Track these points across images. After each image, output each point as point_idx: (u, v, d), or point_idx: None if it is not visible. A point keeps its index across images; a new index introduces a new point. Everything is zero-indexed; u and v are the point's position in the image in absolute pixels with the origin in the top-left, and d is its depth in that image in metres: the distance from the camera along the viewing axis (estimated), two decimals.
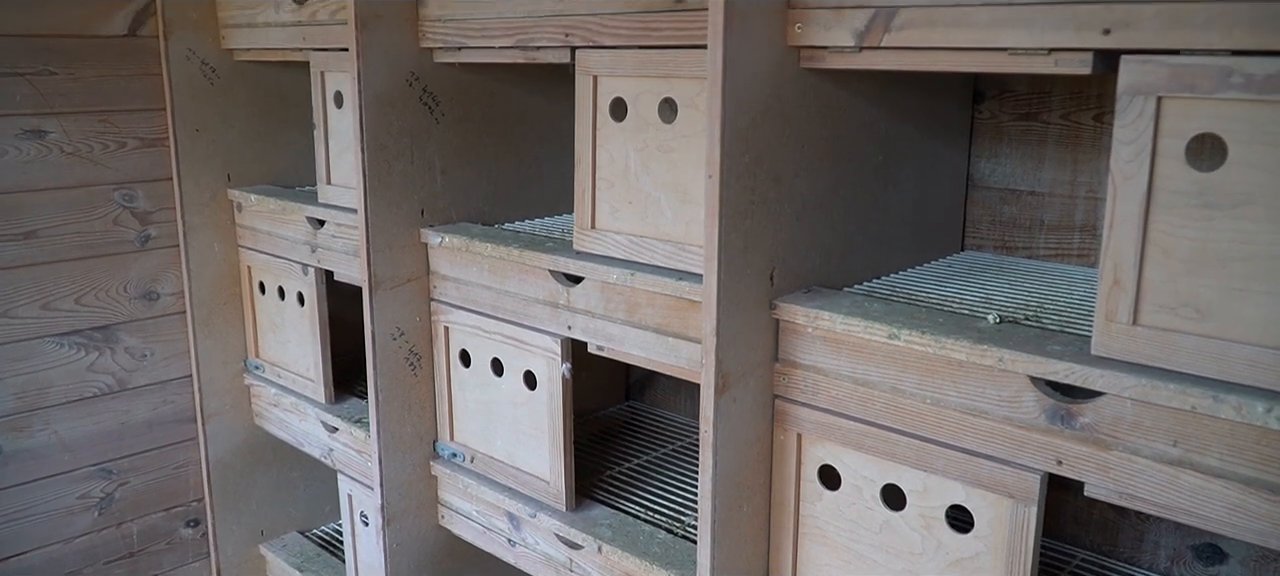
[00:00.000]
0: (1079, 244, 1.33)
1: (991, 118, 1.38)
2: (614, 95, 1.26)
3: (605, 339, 1.32)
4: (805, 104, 1.10)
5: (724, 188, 1.02)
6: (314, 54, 1.69)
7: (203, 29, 1.90)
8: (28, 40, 1.76)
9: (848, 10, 1.00)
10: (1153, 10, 0.82)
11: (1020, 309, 1.11)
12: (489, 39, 1.40)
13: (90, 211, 1.87)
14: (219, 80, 1.94)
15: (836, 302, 1.09)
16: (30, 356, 1.84)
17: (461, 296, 1.53)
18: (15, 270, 1.80)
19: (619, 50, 1.23)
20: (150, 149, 1.92)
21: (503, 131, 1.63)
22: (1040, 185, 1.35)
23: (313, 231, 1.78)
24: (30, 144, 1.78)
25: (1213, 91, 0.80)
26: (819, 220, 1.16)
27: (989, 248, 1.42)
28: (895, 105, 1.23)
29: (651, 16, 1.19)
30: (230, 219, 2.00)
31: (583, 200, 1.32)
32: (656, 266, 1.25)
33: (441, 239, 1.52)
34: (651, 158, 1.23)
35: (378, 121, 1.47)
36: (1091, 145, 1.30)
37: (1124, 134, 0.84)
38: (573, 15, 1.27)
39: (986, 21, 0.91)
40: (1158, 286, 0.85)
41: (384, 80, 1.47)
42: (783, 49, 1.05)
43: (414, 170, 1.53)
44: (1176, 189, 0.83)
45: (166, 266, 1.98)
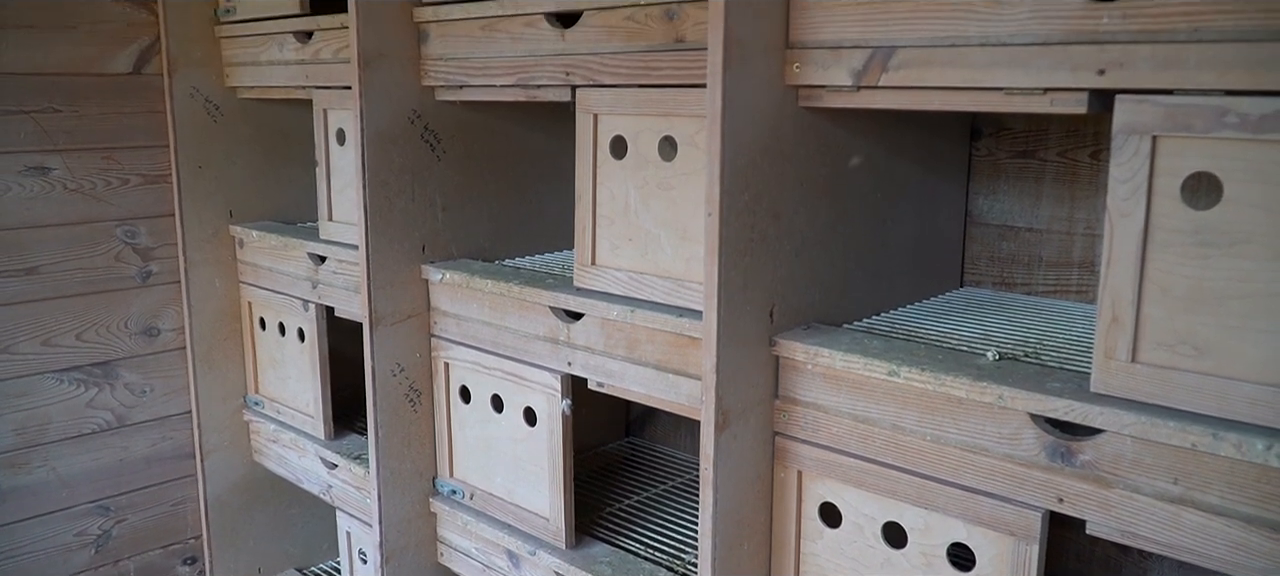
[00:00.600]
0: (1078, 280, 1.33)
1: (989, 155, 1.39)
2: (614, 133, 1.27)
3: (605, 375, 1.32)
4: (804, 142, 1.11)
5: (723, 225, 1.02)
6: (317, 92, 1.70)
7: (207, 67, 1.92)
8: (34, 78, 1.77)
9: (846, 50, 1.01)
10: (1147, 51, 0.83)
11: (1019, 345, 1.12)
12: (490, 77, 1.41)
13: (92, 247, 1.88)
14: (222, 117, 1.95)
15: (836, 339, 1.10)
16: (30, 392, 1.84)
17: (462, 332, 1.53)
18: (16, 306, 1.81)
19: (619, 89, 1.24)
20: (153, 185, 1.93)
21: (504, 168, 1.64)
22: (1038, 222, 1.36)
23: (314, 267, 1.78)
24: (33, 180, 1.79)
25: (1207, 131, 0.80)
26: (818, 257, 1.16)
27: (988, 284, 1.42)
28: (893, 143, 1.24)
29: (652, 56, 1.20)
30: (231, 255, 2.00)
31: (583, 237, 1.32)
32: (656, 303, 1.25)
33: (442, 275, 1.52)
34: (651, 195, 1.24)
35: (379, 158, 1.48)
36: (1088, 182, 1.31)
37: (1120, 172, 0.85)
38: (574, 54, 1.29)
39: (983, 62, 0.92)
40: (1156, 324, 0.85)
41: (386, 118, 1.48)
42: (781, 88, 1.06)
43: (415, 207, 1.54)
44: (1173, 227, 0.84)
45: (167, 302, 1.98)
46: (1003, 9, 0.90)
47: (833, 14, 1.02)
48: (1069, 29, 0.86)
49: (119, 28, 1.86)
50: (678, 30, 1.16)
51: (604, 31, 1.25)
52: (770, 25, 1.04)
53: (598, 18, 1.25)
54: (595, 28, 1.26)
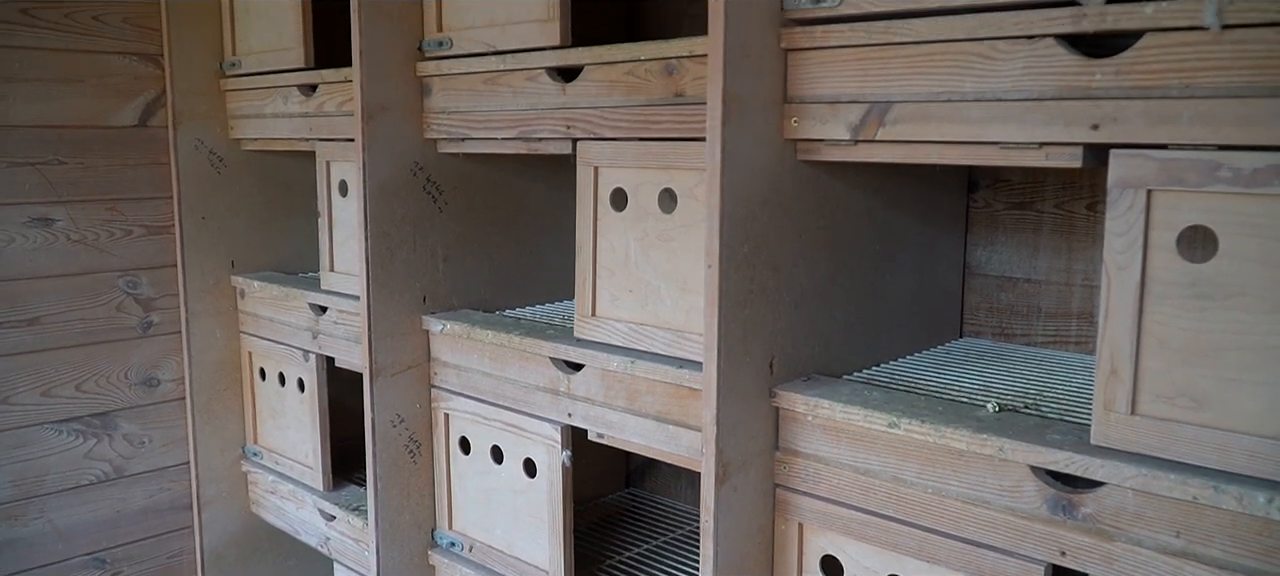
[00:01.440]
0: (1077, 331, 1.34)
1: (986, 206, 1.41)
2: (615, 185, 1.28)
3: (605, 426, 1.32)
4: (803, 194, 1.12)
5: (723, 277, 1.03)
6: (320, 144, 1.72)
7: (211, 119, 1.94)
8: (41, 131, 1.79)
9: (843, 105, 1.03)
10: (1140, 107, 0.84)
11: (1019, 397, 1.12)
12: (492, 131, 1.42)
13: (94, 298, 1.88)
14: (225, 169, 1.97)
15: (836, 391, 1.10)
16: (28, 443, 1.84)
17: (462, 383, 1.53)
18: (17, 357, 1.81)
19: (620, 142, 1.26)
20: (156, 236, 1.94)
21: (505, 219, 1.65)
22: (1036, 273, 1.37)
23: (315, 318, 1.79)
24: (37, 232, 1.81)
25: (1201, 185, 0.81)
26: (818, 308, 1.17)
27: (987, 334, 1.43)
28: (892, 195, 1.25)
29: (652, 110, 1.22)
30: (232, 305, 2.01)
31: (583, 288, 1.33)
32: (656, 354, 1.26)
33: (443, 326, 1.53)
34: (651, 246, 1.25)
35: (381, 210, 1.49)
36: (1085, 234, 1.32)
37: (1115, 226, 0.86)
38: (574, 108, 1.30)
39: (978, 117, 0.93)
40: (1155, 376, 0.85)
41: (388, 170, 1.49)
42: (780, 142, 1.08)
43: (416, 258, 1.55)
44: (1170, 280, 0.84)
45: (168, 353, 1.98)
46: (997, 65, 0.92)
47: (830, 69, 1.03)
48: (1062, 85, 0.88)
49: (125, 81, 1.88)
50: (677, 85, 1.18)
51: (604, 86, 1.26)
52: (768, 81, 1.05)
53: (598, 72, 1.27)
54: (596, 82, 1.27)
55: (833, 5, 1.02)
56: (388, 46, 1.47)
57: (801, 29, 1.05)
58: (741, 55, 1.02)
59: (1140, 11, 0.83)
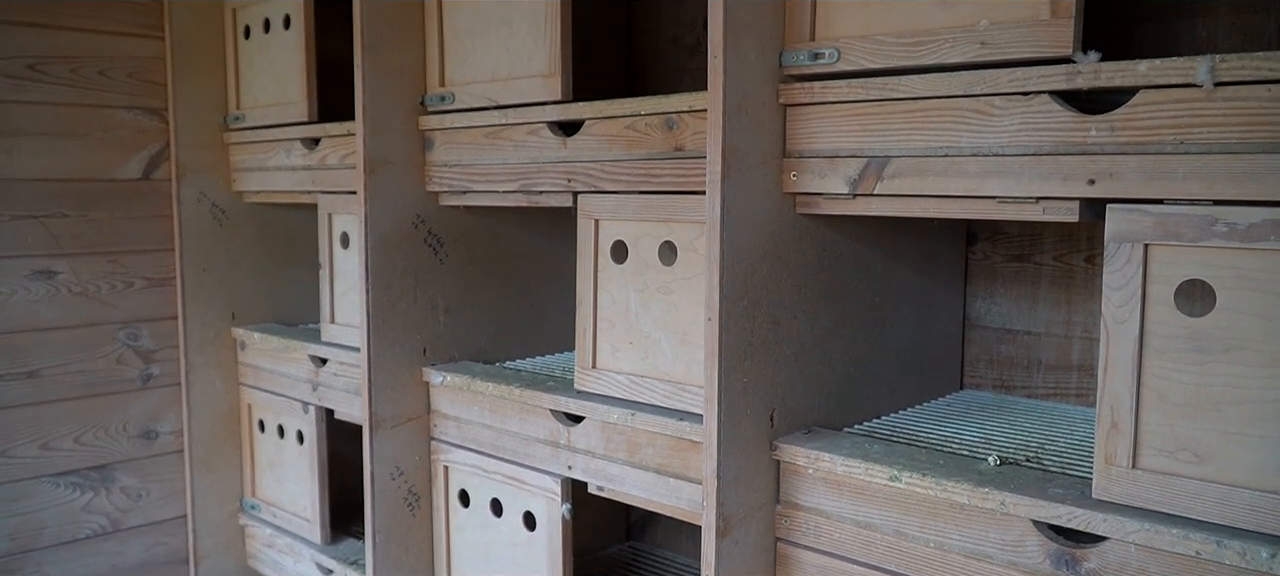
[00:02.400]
0: (1077, 383, 1.34)
1: (985, 259, 1.41)
2: (615, 238, 1.29)
3: (606, 479, 1.31)
4: (802, 247, 1.12)
5: (723, 330, 1.03)
6: (322, 196, 1.73)
7: (214, 172, 1.96)
8: (45, 184, 1.81)
9: (841, 160, 1.04)
10: (1135, 162, 0.85)
11: (1021, 450, 1.11)
12: (494, 183, 1.44)
13: (94, 350, 1.88)
14: (228, 221, 1.98)
15: (837, 444, 1.10)
16: (26, 497, 1.82)
17: (462, 435, 1.52)
18: (16, 409, 1.81)
19: (620, 195, 1.27)
20: (157, 288, 1.95)
21: (505, 271, 1.66)
22: (1036, 325, 1.37)
23: (315, 370, 1.78)
24: (39, 284, 1.81)
25: (1198, 239, 0.82)
26: (818, 361, 1.17)
27: (987, 386, 1.42)
28: (891, 247, 1.26)
29: (652, 163, 1.23)
30: (232, 357, 2.01)
31: (584, 340, 1.33)
32: (657, 406, 1.25)
33: (443, 378, 1.52)
34: (652, 299, 1.25)
35: (383, 262, 1.50)
36: (1084, 286, 1.32)
37: (1113, 280, 0.86)
38: (575, 162, 1.32)
39: (975, 171, 0.94)
40: (1155, 430, 0.85)
41: (390, 222, 1.50)
42: (779, 195, 1.09)
43: (417, 309, 1.55)
44: (1168, 334, 0.84)
45: (167, 405, 1.98)
46: (993, 121, 0.93)
47: (828, 124, 1.05)
48: (1058, 140, 0.89)
49: (130, 135, 1.90)
50: (677, 139, 1.19)
51: (605, 140, 1.28)
52: (767, 135, 1.06)
53: (599, 127, 1.28)
54: (596, 136, 1.29)
55: (830, 62, 1.03)
56: (390, 101, 1.49)
57: (800, 85, 1.06)
58: (740, 110, 1.03)
59: (1134, 69, 0.84)
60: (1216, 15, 1.18)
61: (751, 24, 1.03)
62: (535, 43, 1.35)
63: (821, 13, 1.04)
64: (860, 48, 1.01)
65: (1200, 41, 1.19)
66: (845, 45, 1.02)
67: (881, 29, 1.00)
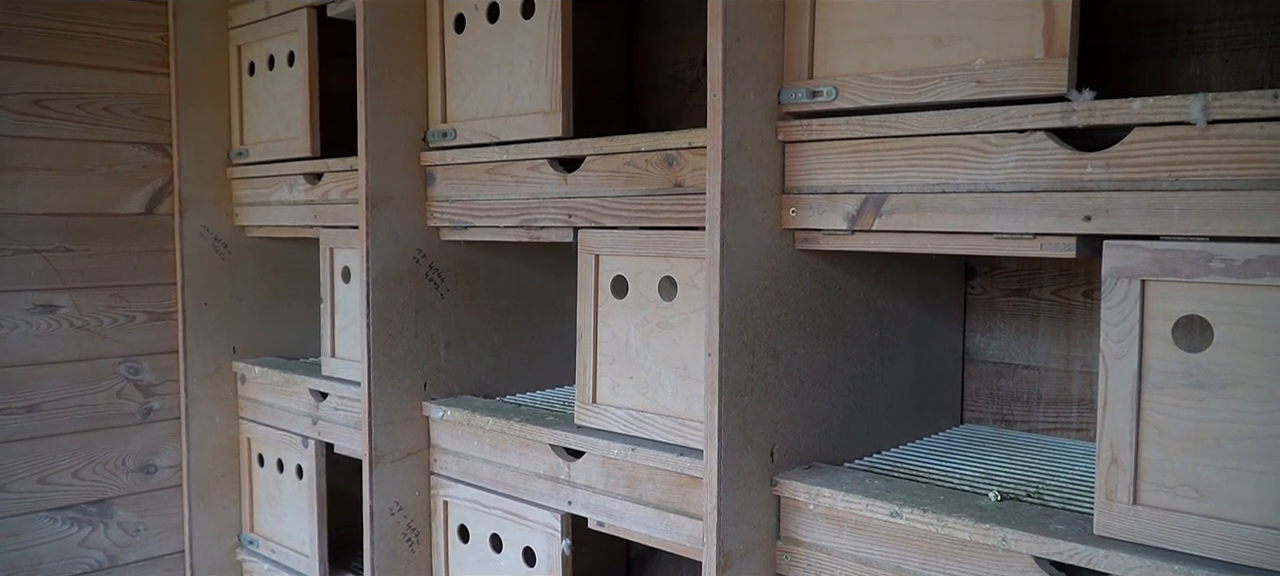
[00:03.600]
0: (1077, 418, 1.34)
1: (984, 293, 1.42)
2: (615, 273, 1.29)
3: (606, 515, 1.31)
4: (801, 283, 1.13)
5: (723, 365, 1.04)
6: (324, 231, 1.74)
7: (217, 206, 1.97)
8: (48, 219, 1.82)
9: (840, 196, 1.05)
10: (1131, 199, 0.86)
11: (1022, 485, 1.11)
12: (495, 219, 1.44)
13: (95, 384, 1.89)
14: (230, 255, 1.99)
15: (837, 479, 1.09)
16: (23, 532, 1.82)
17: (461, 470, 1.52)
18: (15, 443, 1.80)
19: (620, 231, 1.28)
20: (158, 322, 1.95)
21: (506, 305, 1.66)
22: (1035, 359, 1.37)
23: (315, 403, 1.78)
24: (41, 318, 1.82)
25: (1194, 275, 0.83)
26: (818, 396, 1.17)
27: (988, 421, 1.42)
28: (890, 282, 1.26)
29: (652, 199, 1.24)
30: (233, 391, 2.01)
31: (584, 375, 1.33)
32: (657, 441, 1.25)
33: (443, 412, 1.52)
34: (652, 334, 1.26)
35: (384, 296, 1.50)
36: (1083, 321, 1.33)
37: (1111, 315, 0.87)
38: (576, 197, 1.33)
39: (973, 208, 0.95)
40: (1155, 465, 0.85)
41: (391, 257, 1.51)
42: (778, 231, 1.09)
43: (418, 344, 1.55)
44: (1167, 369, 0.85)
45: (166, 439, 1.98)
46: (990, 158, 0.94)
47: (826, 161, 1.06)
48: (1055, 177, 0.90)
49: (134, 170, 1.91)
50: (677, 175, 1.20)
51: (605, 176, 1.29)
52: (766, 172, 1.07)
53: (599, 163, 1.29)
54: (597, 172, 1.30)
55: (828, 100, 1.04)
56: (393, 137, 1.51)
57: (798, 122, 1.07)
58: (739, 147, 1.04)
59: (1128, 107, 0.85)
60: (1209, 53, 1.19)
61: (750, 63, 1.04)
62: (536, 80, 1.36)
63: (819, 51, 1.06)
64: (858, 86, 1.02)
65: (1194, 79, 1.20)
66: (843, 83, 1.03)
67: (878, 67, 1.01)
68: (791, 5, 1.07)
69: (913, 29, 0.99)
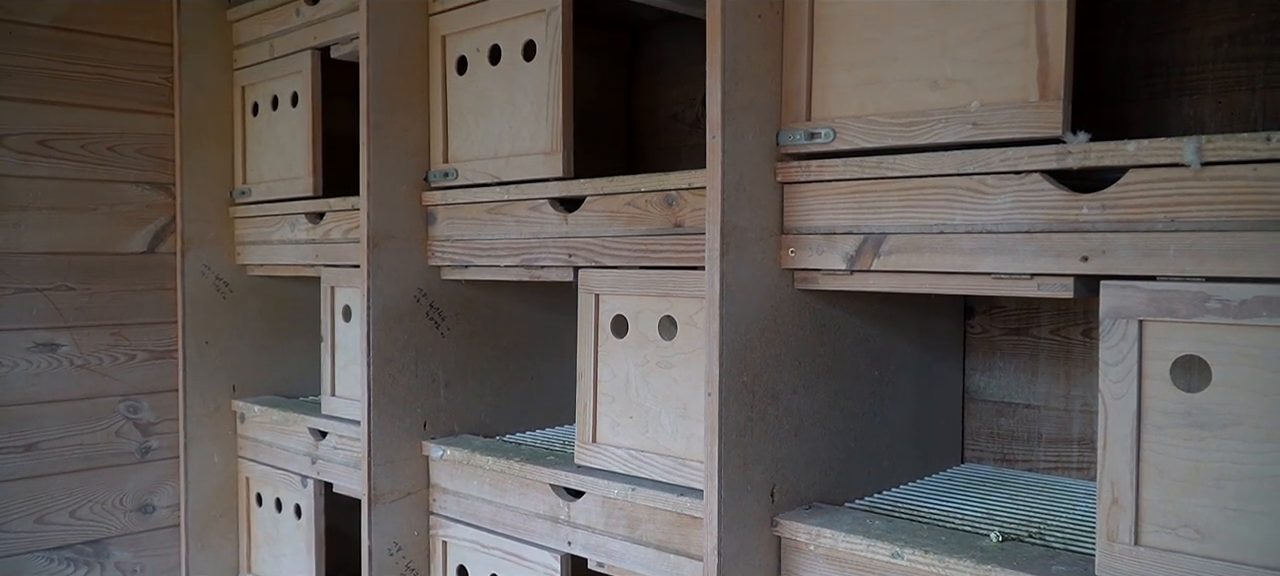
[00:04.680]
0: (1078, 457, 1.34)
1: (983, 332, 1.42)
2: (615, 313, 1.30)
3: (606, 555, 1.30)
4: (801, 322, 1.13)
5: (723, 405, 1.04)
6: (325, 270, 1.75)
7: (219, 245, 1.98)
8: (51, 258, 1.82)
9: (838, 236, 1.05)
10: (1127, 240, 0.86)
11: (1023, 525, 1.11)
12: (495, 258, 1.45)
13: (94, 423, 1.88)
14: (231, 294, 1.99)
15: (838, 520, 1.09)
16: (19, 573, 1.81)
17: (461, 510, 1.51)
18: (12, 483, 1.80)
19: (620, 270, 1.28)
20: (159, 360, 1.95)
21: (506, 344, 1.66)
22: (1035, 398, 1.37)
23: (314, 443, 1.78)
24: (41, 357, 1.82)
25: (1191, 315, 0.83)
26: (818, 436, 1.17)
27: (989, 460, 1.42)
28: (889, 321, 1.27)
29: (651, 239, 1.24)
30: (232, 430, 2.00)
31: (584, 414, 1.33)
32: (657, 481, 1.25)
33: (443, 452, 1.52)
34: (652, 373, 1.26)
35: (385, 335, 1.51)
36: (1082, 359, 1.33)
37: (1109, 355, 0.87)
38: (576, 237, 1.33)
39: (970, 248, 0.95)
40: (1156, 506, 0.85)
41: (392, 295, 1.51)
42: (778, 271, 1.10)
43: (418, 383, 1.55)
44: (1166, 409, 0.85)
45: (165, 478, 1.97)
46: (987, 199, 0.94)
47: (825, 202, 1.06)
48: (1051, 218, 0.90)
49: (137, 209, 1.92)
50: (676, 215, 1.21)
51: (606, 216, 1.30)
52: (765, 212, 1.08)
53: (600, 203, 1.30)
54: (597, 212, 1.31)
55: (826, 141, 1.05)
56: (395, 177, 1.52)
57: (797, 164, 1.08)
58: (739, 188, 1.05)
59: (1122, 149, 0.86)
60: (1203, 94, 1.20)
61: (749, 105, 1.06)
62: (537, 121, 1.38)
63: (817, 93, 1.07)
64: (855, 127, 1.04)
65: (1188, 120, 1.21)
66: (840, 125, 1.04)
67: (875, 110, 1.02)
68: (789, 48, 1.09)
69: (909, 72, 1.00)
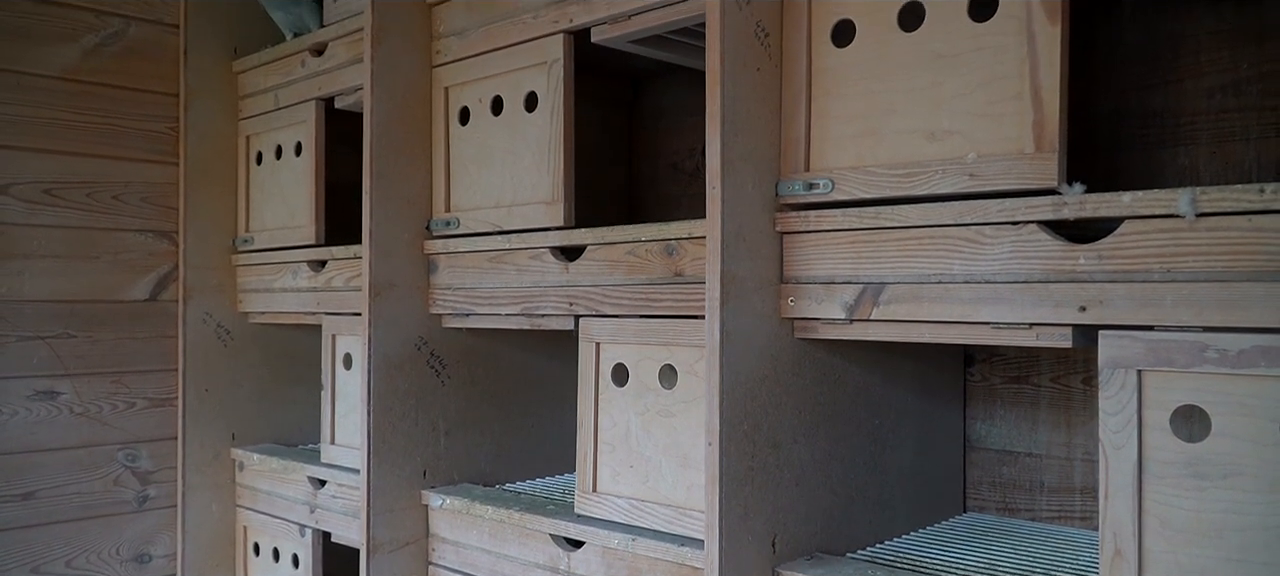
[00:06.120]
0: (1081, 506, 1.33)
1: (983, 381, 1.42)
2: (616, 361, 1.30)
3: None
4: (801, 371, 1.13)
5: (723, 455, 1.04)
6: (327, 317, 1.75)
7: (221, 293, 1.98)
8: (52, 305, 1.83)
9: (838, 286, 1.06)
10: (1124, 290, 0.87)
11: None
12: (496, 306, 1.46)
13: (92, 471, 1.88)
14: (232, 341, 1.99)
15: (840, 570, 1.08)
16: None
17: (460, 560, 1.50)
18: (9, 532, 1.79)
19: (621, 319, 1.29)
20: (158, 408, 1.95)
21: (506, 392, 1.66)
22: (1036, 447, 1.37)
23: (313, 491, 1.77)
24: (41, 405, 1.81)
25: (1190, 365, 0.83)
26: (819, 485, 1.16)
27: (991, 509, 1.41)
28: (889, 370, 1.27)
29: (652, 288, 1.25)
30: (230, 478, 2.00)
31: (584, 463, 1.33)
32: (658, 531, 1.24)
33: (443, 501, 1.51)
34: (652, 422, 1.26)
35: (385, 383, 1.51)
36: (1083, 408, 1.33)
37: (1109, 405, 0.87)
38: (577, 286, 1.34)
39: (969, 298, 0.96)
40: (1159, 557, 0.85)
41: (393, 344, 1.52)
42: (777, 320, 1.10)
43: (418, 431, 1.55)
44: (1166, 459, 0.85)
45: (162, 528, 1.96)
46: (984, 249, 0.95)
47: (824, 252, 1.07)
48: (1048, 268, 0.91)
49: (140, 257, 1.93)
50: (677, 265, 1.22)
51: (606, 265, 1.30)
52: (764, 262, 1.09)
53: (600, 252, 1.31)
54: (598, 261, 1.31)
55: (825, 192, 1.06)
56: (397, 226, 1.53)
57: (796, 214, 1.09)
58: (738, 238, 1.05)
59: (1118, 200, 0.87)
60: (1197, 144, 1.22)
61: (748, 155, 1.07)
62: (539, 171, 1.39)
63: (816, 145, 1.08)
64: (853, 178, 1.05)
65: (1182, 170, 1.23)
66: (839, 176, 1.06)
67: (873, 161, 1.03)
68: (788, 100, 1.10)
69: (905, 124, 1.01)
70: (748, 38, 1.07)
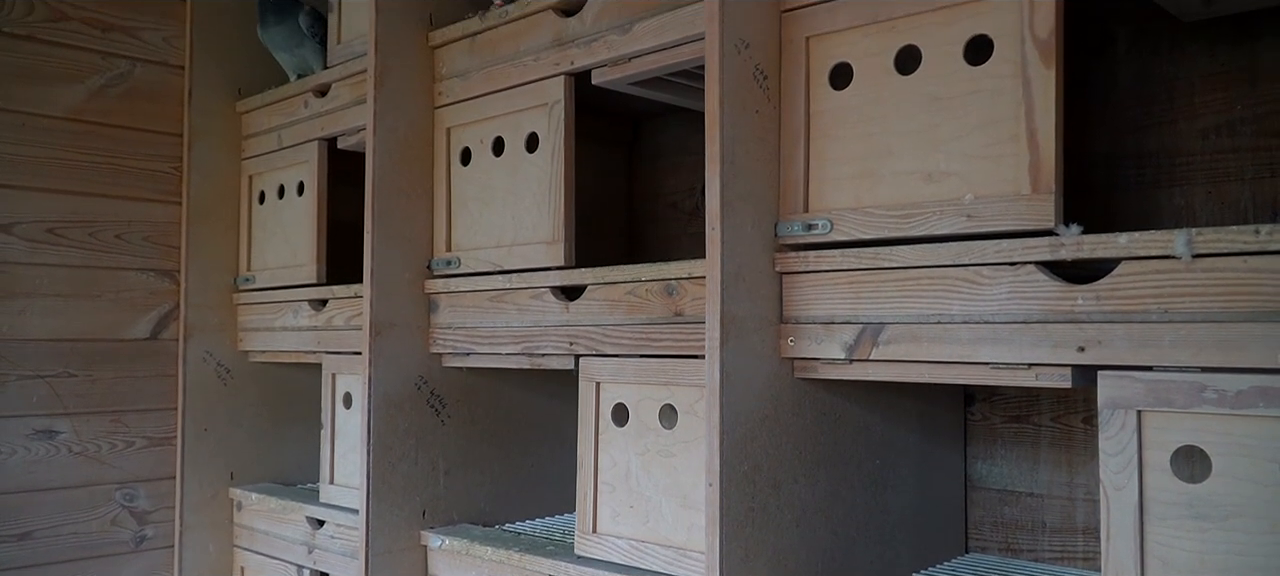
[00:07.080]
0: (1083, 546, 1.32)
1: (984, 420, 1.42)
2: (616, 401, 1.30)
3: None
4: (801, 411, 1.13)
5: (724, 495, 1.03)
6: (327, 356, 1.75)
7: (222, 332, 1.99)
8: (53, 344, 1.83)
9: (837, 326, 1.06)
10: (1123, 330, 0.87)
11: None
12: (497, 346, 1.46)
13: (90, 512, 1.87)
14: (232, 380, 1.99)
15: None
16: None
17: None
18: (5, 573, 1.77)
19: (621, 359, 1.29)
20: (157, 448, 1.94)
21: (506, 432, 1.66)
22: (1038, 487, 1.37)
23: (311, 531, 1.76)
24: (40, 444, 1.81)
25: (1189, 405, 0.83)
26: (820, 526, 1.16)
27: (993, 549, 1.41)
28: (889, 410, 1.27)
29: (652, 328, 1.25)
30: (228, 518, 1.99)
31: (584, 504, 1.32)
32: (658, 573, 1.24)
33: (442, 542, 1.51)
34: (653, 462, 1.26)
35: (385, 423, 1.50)
36: (1084, 447, 1.32)
37: (1109, 446, 0.87)
38: (577, 326, 1.34)
39: (968, 338, 0.96)
40: None
41: (393, 383, 1.52)
42: (777, 360, 1.11)
43: (417, 471, 1.55)
44: (1167, 500, 0.85)
45: (159, 568, 1.94)
46: (983, 289, 0.96)
47: (823, 292, 1.08)
48: (1047, 309, 0.92)
49: (141, 296, 1.94)
50: (676, 305, 1.22)
51: (606, 305, 1.31)
52: (764, 302, 1.09)
53: (600, 292, 1.31)
54: (598, 301, 1.32)
55: (823, 232, 1.07)
56: (398, 265, 1.53)
57: (795, 254, 1.10)
58: (738, 278, 1.06)
59: (1114, 241, 0.88)
60: (1193, 185, 1.23)
61: (747, 196, 1.08)
62: (539, 211, 1.40)
63: (814, 186, 1.09)
64: (852, 219, 1.05)
65: (1179, 211, 1.23)
66: (837, 217, 1.06)
67: (872, 202, 1.04)
68: (787, 142, 1.11)
69: (903, 166, 1.02)
70: (747, 80, 1.08)
